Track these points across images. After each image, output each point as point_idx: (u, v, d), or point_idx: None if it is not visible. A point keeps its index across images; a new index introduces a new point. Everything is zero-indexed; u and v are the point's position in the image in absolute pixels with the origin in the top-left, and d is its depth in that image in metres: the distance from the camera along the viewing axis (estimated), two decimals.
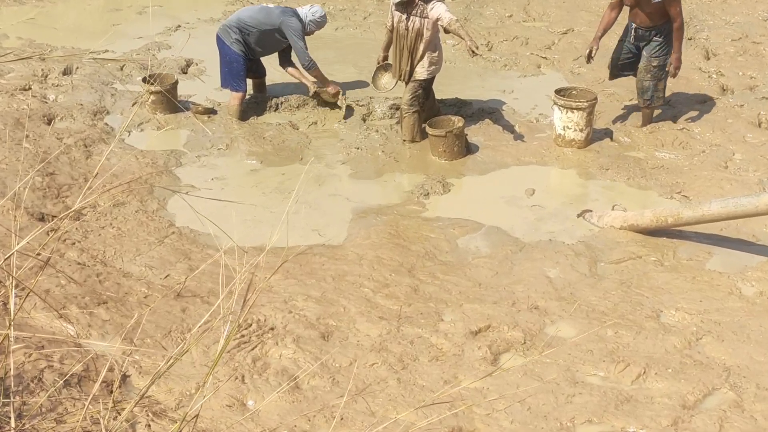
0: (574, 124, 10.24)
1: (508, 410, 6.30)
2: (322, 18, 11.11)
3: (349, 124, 10.94)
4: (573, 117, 10.21)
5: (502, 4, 14.37)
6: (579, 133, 10.28)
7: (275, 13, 10.90)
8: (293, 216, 8.82)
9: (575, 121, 10.22)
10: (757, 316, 7.46)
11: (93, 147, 10.08)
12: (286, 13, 10.90)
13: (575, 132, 10.28)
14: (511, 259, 8.33)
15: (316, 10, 11.06)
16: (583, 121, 10.22)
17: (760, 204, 7.93)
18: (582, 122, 10.22)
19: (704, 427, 6.15)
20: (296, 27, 10.80)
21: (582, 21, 13.64)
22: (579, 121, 10.22)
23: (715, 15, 13.78)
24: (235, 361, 6.69)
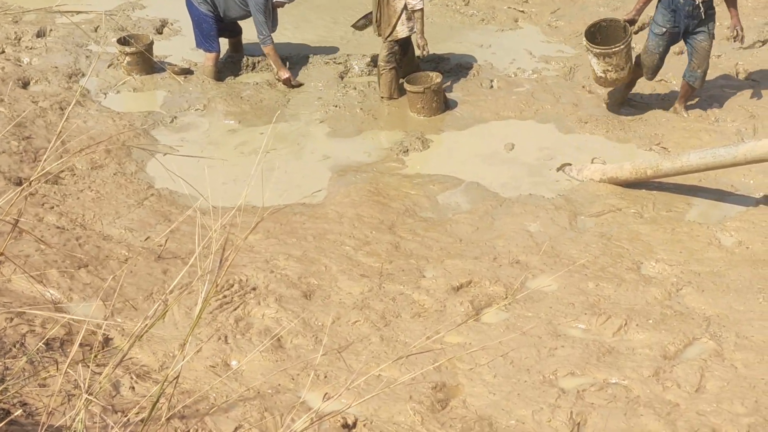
0: (614, 66, 9.65)
1: (491, 364, 6.33)
2: None
3: (327, 82, 10.88)
4: (612, 60, 9.60)
5: None
6: (621, 71, 9.70)
7: None
8: (272, 175, 8.80)
9: (614, 63, 9.62)
10: (736, 265, 7.49)
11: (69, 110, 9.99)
12: None
13: (616, 72, 9.70)
14: (491, 215, 8.34)
15: None
16: (622, 60, 9.63)
17: (738, 154, 7.96)
18: (622, 62, 9.63)
19: (685, 377, 6.20)
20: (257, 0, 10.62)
21: None
22: (618, 62, 9.62)
23: None
24: (217, 321, 6.69)
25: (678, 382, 6.15)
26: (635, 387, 6.13)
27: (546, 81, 10.85)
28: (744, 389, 6.06)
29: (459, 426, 5.76)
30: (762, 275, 7.32)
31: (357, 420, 5.77)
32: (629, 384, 6.17)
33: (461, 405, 6.02)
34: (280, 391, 6.01)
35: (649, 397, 6.03)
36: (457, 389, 6.18)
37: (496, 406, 5.98)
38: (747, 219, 8.16)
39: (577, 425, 5.84)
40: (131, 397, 5.77)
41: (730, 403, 5.92)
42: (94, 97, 10.48)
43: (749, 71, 10.67)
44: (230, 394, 5.91)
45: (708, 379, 6.18)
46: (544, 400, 5.99)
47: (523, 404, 5.96)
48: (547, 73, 11.08)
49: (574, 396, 6.03)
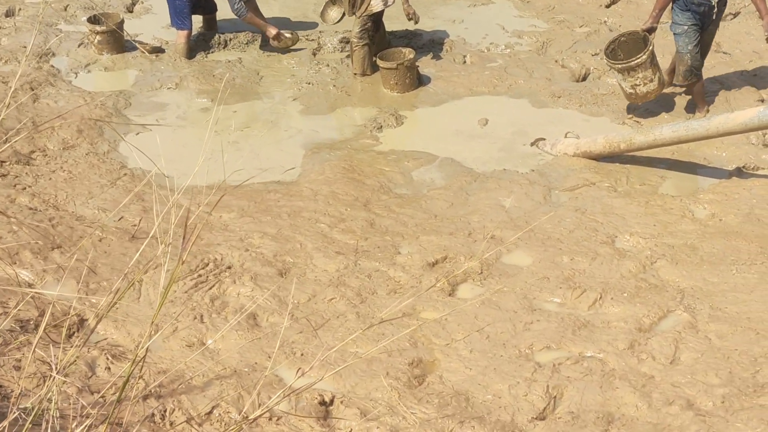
0: (641, 79, 9.09)
1: (467, 340, 6.36)
2: None
3: (300, 59, 10.84)
4: (637, 74, 9.07)
5: None
6: (650, 84, 9.12)
7: None
8: (246, 153, 8.77)
9: (641, 76, 9.07)
10: (710, 238, 7.54)
11: (40, 90, 9.92)
12: None
13: (646, 85, 9.13)
14: (466, 190, 8.34)
15: None
16: (649, 71, 9.06)
17: (711, 127, 7.99)
18: (649, 73, 9.07)
19: (660, 349, 6.24)
20: None
21: None
22: (645, 74, 9.06)
23: None
24: (193, 301, 6.68)
25: (653, 355, 6.20)
26: (610, 360, 6.16)
27: (519, 56, 10.85)
28: (718, 360, 6.11)
29: (436, 401, 5.78)
30: (735, 247, 7.37)
31: (334, 397, 5.79)
32: (605, 357, 6.20)
33: (438, 380, 6.04)
34: (257, 369, 6.02)
35: (625, 370, 6.07)
36: (434, 365, 6.20)
37: (472, 381, 6.00)
38: (720, 191, 8.21)
39: (554, 399, 5.87)
40: (107, 377, 5.76)
41: (705, 375, 5.97)
42: (65, 77, 10.39)
43: (720, 43, 10.69)
44: (207, 373, 5.91)
45: (682, 351, 6.23)
46: (521, 374, 6.01)
47: (499, 379, 5.98)
48: (519, 48, 11.07)
49: (550, 370, 6.06)
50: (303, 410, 5.61)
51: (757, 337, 6.31)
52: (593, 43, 10.91)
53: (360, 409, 5.68)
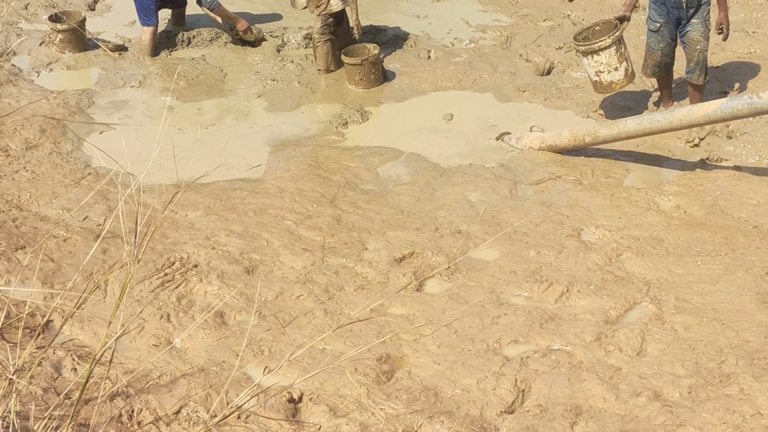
0: (606, 66, 8.95)
1: (435, 335, 6.36)
2: None
3: (264, 56, 10.81)
4: (601, 59, 8.93)
5: None
6: (615, 72, 8.99)
7: None
8: (211, 151, 8.73)
9: (605, 63, 8.93)
10: (675, 229, 7.58)
11: (1, 89, 9.84)
12: None
13: (610, 73, 9.00)
14: (432, 185, 8.35)
15: None
16: (614, 59, 8.91)
17: (674, 119, 8.04)
18: (614, 61, 8.92)
19: (627, 341, 6.27)
20: None
21: None
22: (609, 61, 8.91)
23: None
24: (159, 300, 6.65)
25: (620, 347, 6.23)
26: (578, 352, 6.19)
27: (483, 50, 10.87)
28: (684, 351, 6.15)
29: (405, 397, 5.79)
30: (700, 238, 7.42)
31: (303, 394, 5.78)
32: (572, 350, 6.23)
33: (406, 376, 6.04)
34: (225, 367, 5.99)
35: (592, 362, 6.09)
36: (402, 360, 6.21)
37: (441, 376, 6.00)
38: (684, 183, 8.26)
39: (522, 392, 5.89)
40: (74, 378, 5.72)
41: (671, 366, 6.00)
42: (27, 76, 10.31)
43: None
44: (174, 372, 5.89)
45: (649, 343, 6.26)
46: (489, 368, 6.03)
47: (467, 373, 5.99)
48: (484, 42, 11.09)
49: (518, 363, 6.07)
50: (272, 408, 5.60)
51: (723, 327, 6.36)
52: (557, 37, 10.95)
53: (329, 405, 5.68)
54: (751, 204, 7.93)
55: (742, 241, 7.35)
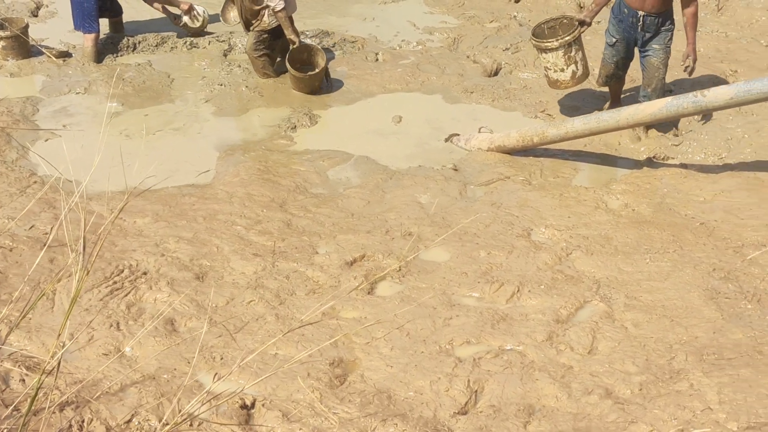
0: (552, 65, 9.04)
1: (387, 337, 6.35)
2: None
3: (211, 60, 10.75)
4: (548, 57, 9.00)
5: None
6: (560, 73, 9.04)
7: None
8: (158, 157, 8.66)
9: (552, 62, 9.02)
10: (623, 228, 7.64)
11: None
12: None
13: (556, 73, 9.07)
14: (382, 188, 8.34)
15: None
16: (561, 61, 8.96)
17: (621, 118, 8.11)
18: (560, 62, 8.98)
19: (578, 339, 6.30)
20: None
21: None
22: (556, 61, 9.00)
23: None
24: (108, 308, 6.58)
25: (571, 345, 6.26)
26: (530, 352, 6.21)
27: (431, 52, 10.89)
28: (634, 348, 6.19)
29: (358, 400, 5.77)
30: (648, 236, 7.48)
31: (255, 400, 5.74)
32: (524, 349, 6.25)
33: (359, 379, 6.02)
34: (176, 375, 5.94)
35: (544, 362, 6.11)
36: (355, 364, 6.19)
37: (394, 378, 5.99)
38: (632, 182, 8.33)
39: (475, 393, 5.89)
40: (22, 389, 5.65)
41: (622, 363, 6.04)
42: None
43: None
44: (125, 381, 5.83)
45: (600, 341, 6.30)
46: (442, 369, 6.03)
47: (420, 375, 5.99)
48: (431, 44, 11.12)
49: (470, 364, 6.08)
50: (224, 415, 5.56)
51: (672, 324, 6.41)
52: (504, 38, 11.00)
53: (282, 411, 5.65)
54: (698, 201, 8.01)
55: (690, 238, 7.43)
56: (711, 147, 8.74)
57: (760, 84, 7.53)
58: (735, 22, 10.90)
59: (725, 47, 10.45)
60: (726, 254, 7.19)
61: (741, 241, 7.32)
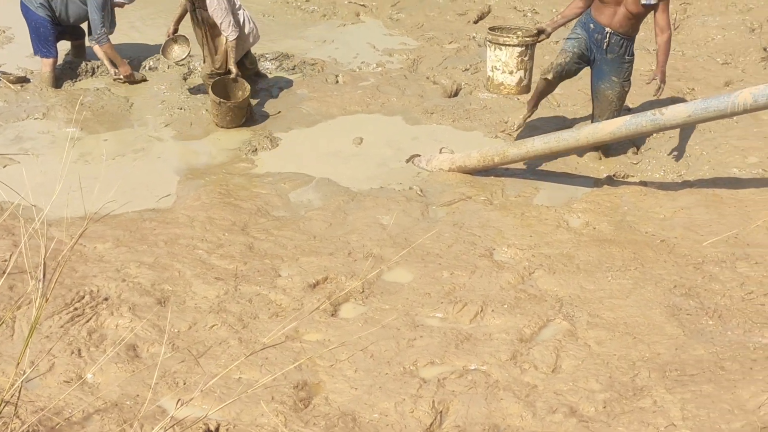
0: (503, 65, 8.71)
1: (351, 359, 6.33)
2: None
3: (170, 84, 10.71)
4: (501, 55, 8.68)
5: None
6: (509, 75, 8.75)
7: None
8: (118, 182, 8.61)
9: (503, 61, 8.69)
10: (585, 246, 7.68)
11: None
12: None
13: (504, 74, 8.75)
14: (343, 210, 8.34)
15: None
16: (514, 62, 8.67)
17: (581, 137, 8.16)
18: (512, 63, 8.68)
19: (542, 358, 6.31)
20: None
21: None
22: (508, 61, 8.68)
23: None
24: (69, 335, 6.51)
25: (535, 364, 6.26)
26: (494, 372, 6.21)
27: (390, 74, 10.92)
28: (598, 366, 6.21)
29: (323, 423, 5.74)
30: (609, 254, 7.52)
31: (219, 425, 5.70)
32: (488, 369, 6.25)
33: (324, 402, 5.99)
34: (139, 401, 5.88)
35: (508, 381, 6.12)
36: (319, 386, 6.16)
37: (358, 400, 5.97)
38: (592, 200, 8.38)
39: (440, 414, 5.88)
40: None
41: (586, 381, 6.05)
42: None
43: None
44: (87, 408, 5.77)
45: (563, 359, 6.31)
46: (406, 391, 6.01)
47: (385, 397, 5.97)
48: (391, 65, 11.15)
49: (435, 385, 6.07)
50: None
51: (635, 341, 6.44)
52: (463, 59, 11.05)
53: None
54: (658, 218, 8.07)
55: (651, 256, 7.47)
56: (670, 164, 8.82)
57: (717, 102, 7.61)
58: (691, 41, 11.02)
59: (682, 65, 10.55)
60: (686, 271, 7.24)
61: (701, 258, 7.38)
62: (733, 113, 7.66)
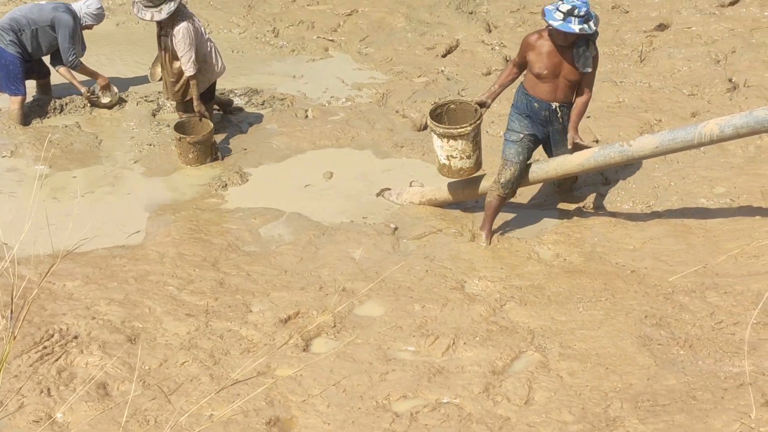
0: (460, 152, 8.34)
1: (324, 394, 6.31)
2: (98, 10, 10.72)
3: (140, 120, 10.67)
4: (456, 145, 8.30)
5: None
6: (467, 160, 8.39)
7: (47, 9, 10.49)
8: (88, 219, 8.57)
9: (460, 149, 8.32)
10: (555, 277, 7.70)
11: None
12: (59, 9, 10.46)
13: (461, 160, 8.39)
14: (314, 244, 8.33)
15: (91, 2, 10.64)
16: (469, 147, 8.31)
17: (550, 169, 8.24)
18: (468, 148, 8.32)
19: (514, 390, 6.31)
20: (67, 23, 10.37)
21: (365, 1, 13.63)
22: (464, 148, 8.32)
23: None
24: (39, 374, 6.46)
25: (507, 396, 6.27)
26: (467, 405, 6.20)
27: (360, 108, 10.94)
28: (570, 397, 6.22)
29: None
30: (580, 285, 7.54)
31: None
32: (461, 402, 6.24)
33: None
34: None
35: (481, 414, 6.11)
36: (292, 422, 6.14)
37: None
38: (562, 231, 8.40)
39: None
40: None
41: (559, 413, 6.06)
42: None
43: None
44: None
45: (536, 391, 6.31)
46: (379, 425, 6.00)
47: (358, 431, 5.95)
48: (360, 100, 11.17)
49: (408, 419, 6.06)
50: None
51: (607, 372, 6.45)
52: (432, 93, 11.08)
53: None
54: (628, 249, 8.10)
55: (621, 286, 7.50)
56: (639, 195, 8.87)
57: (684, 132, 7.69)
58: (657, 73, 11.10)
59: (649, 97, 10.63)
60: (657, 301, 7.27)
61: (671, 288, 7.41)
62: (700, 144, 7.76)
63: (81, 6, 10.61)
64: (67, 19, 10.41)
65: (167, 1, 9.50)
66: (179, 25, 9.59)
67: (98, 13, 10.73)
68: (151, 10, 9.53)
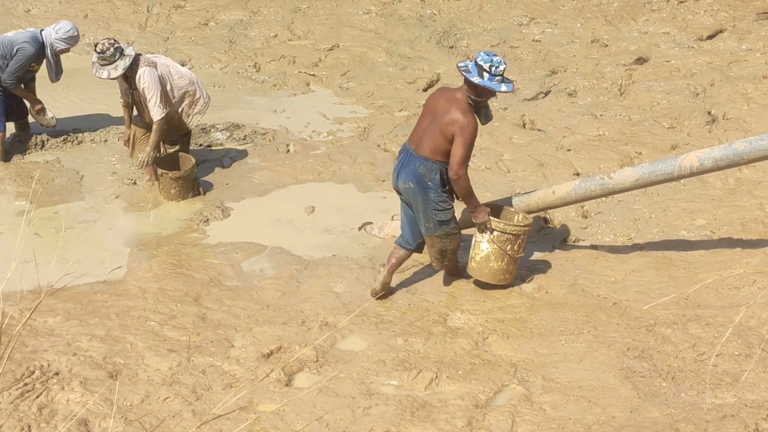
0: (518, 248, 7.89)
1: (307, 429, 6.29)
2: (68, 33, 10.57)
3: (120, 156, 10.64)
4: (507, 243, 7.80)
5: (267, 24, 14.26)
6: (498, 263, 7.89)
7: (18, 41, 10.44)
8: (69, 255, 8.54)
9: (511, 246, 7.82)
10: (537, 310, 7.71)
11: None
12: (26, 40, 10.37)
13: None
14: (296, 278, 8.32)
15: (60, 27, 10.52)
16: None
17: (531, 202, 8.26)
18: None
19: (497, 424, 6.30)
20: (24, 54, 10.29)
21: (346, 36, 13.75)
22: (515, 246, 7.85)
23: (473, 23, 14.10)
24: (19, 411, 6.42)
25: (491, 430, 6.26)
26: None
27: (342, 142, 10.97)
28: (554, 430, 6.21)
29: None
30: (562, 318, 7.55)
31: None
32: None
33: None
34: None
35: None
36: None
37: None
38: (545, 264, 8.42)
39: None
40: None
41: None
42: None
43: (534, 121, 11.07)
44: None
45: (519, 424, 6.31)
46: None
47: None
48: (342, 134, 11.20)
49: None
50: None
51: (590, 404, 6.45)
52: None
53: None
54: (609, 281, 8.13)
55: (603, 319, 7.51)
56: (619, 228, 8.91)
57: (664, 165, 7.75)
58: (637, 106, 11.19)
59: (629, 130, 10.70)
60: (639, 333, 7.28)
61: (653, 320, 7.42)
62: (680, 176, 7.82)
63: (50, 32, 10.54)
64: (27, 50, 10.27)
65: (121, 57, 9.52)
66: (138, 73, 9.61)
67: (69, 35, 10.58)
68: (107, 68, 9.55)
